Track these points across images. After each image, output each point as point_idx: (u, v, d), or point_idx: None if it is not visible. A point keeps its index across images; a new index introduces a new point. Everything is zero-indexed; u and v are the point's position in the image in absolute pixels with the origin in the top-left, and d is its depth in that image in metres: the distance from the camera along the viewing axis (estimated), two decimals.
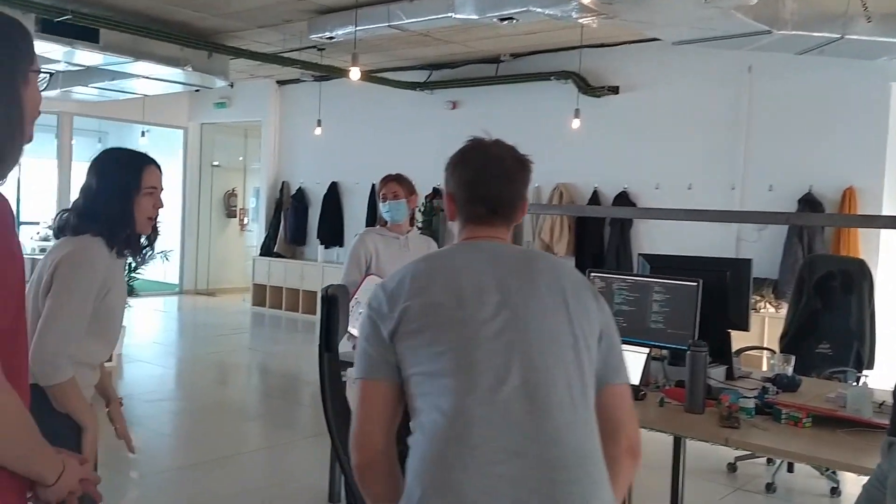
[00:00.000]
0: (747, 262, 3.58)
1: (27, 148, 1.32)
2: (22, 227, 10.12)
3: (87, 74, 8.62)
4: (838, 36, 5.51)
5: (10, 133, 1.27)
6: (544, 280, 1.54)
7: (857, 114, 6.63)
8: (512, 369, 1.43)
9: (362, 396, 1.50)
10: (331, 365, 2.19)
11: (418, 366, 1.46)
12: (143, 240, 2.22)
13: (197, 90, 10.44)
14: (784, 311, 6.36)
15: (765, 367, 5.35)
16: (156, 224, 2.25)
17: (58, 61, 7.71)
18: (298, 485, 4.30)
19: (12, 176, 1.32)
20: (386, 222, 3.64)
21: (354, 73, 6.36)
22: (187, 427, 5.54)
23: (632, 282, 3.45)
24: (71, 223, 2.08)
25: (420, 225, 3.69)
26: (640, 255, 3.71)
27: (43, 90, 1.36)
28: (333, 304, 2.22)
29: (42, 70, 1.34)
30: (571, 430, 1.43)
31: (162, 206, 2.23)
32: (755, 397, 2.95)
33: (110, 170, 2.14)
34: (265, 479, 4.42)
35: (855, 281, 4.44)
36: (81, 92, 9.42)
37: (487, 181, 1.61)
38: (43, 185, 10.86)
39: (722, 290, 3.43)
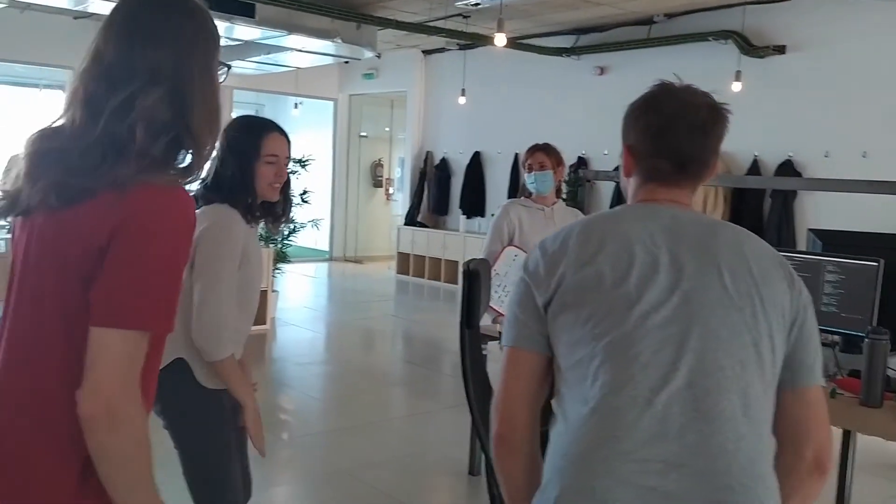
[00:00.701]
0: None
1: None
2: None
3: (245, 49, 9.00)
4: None
5: (209, 123, 1.25)
6: (727, 260, 1.31)
7: None
8: (679, 367, 1.23)
9: (509, 365, 1.37)
10: (472, 341, 2.10)
11: (572, 345, 1.29)
12: (277, 208, 2.21)
13: (346, 62, 10.67)
14: None
15: None
16: (288, 192, 2.22)
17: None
18: (439, 455, 4.32)
19: None
20: (530, 193, 3.52)
21: (500, 40, 6.23)
22: (335, 391, 5.72)
23: (801, 260, 3.14)
24: (199, 193, 2.08)
25: (565, 196, 3.55)
26: (810, 230, 3.38)
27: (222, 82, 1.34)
28: (476, 279, 2.14)
29: (223, 63, 1.32)
30: (741, 446, 1.22)
31: (285, 175, 2.16)
32: None
33: (233, 137, 2.11)
34: (407, 447, 4.48)
35: None
36: (239, 66, 9.86)
37: (677, 132, 1.37)
38: None
39: None
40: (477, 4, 6.93)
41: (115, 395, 1.11)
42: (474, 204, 10.46)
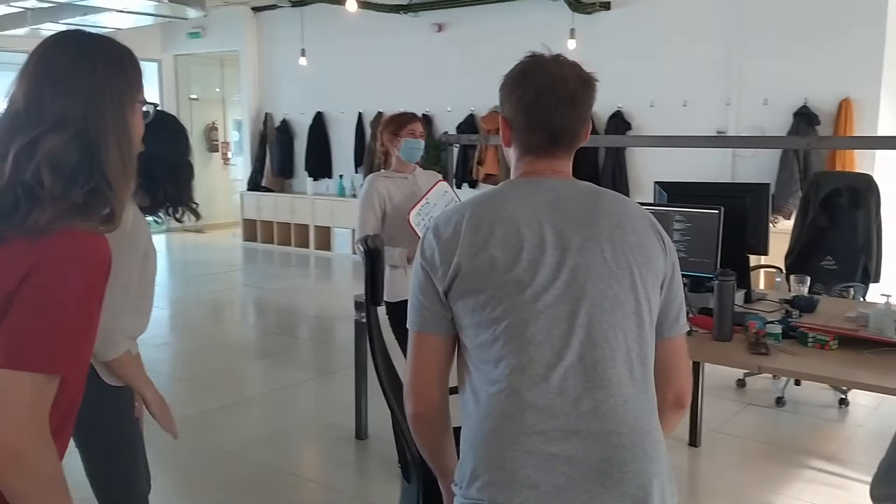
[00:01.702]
0: (765, 186, 3.59)
1: None
2: None
3: (58, 11, 8.26)
4: None
5: (124, 170, 1.22)
6: (606, 231, 1.41)
7: (852, 22, 6.53)
8: (570, 344, 1.35)
9: (417, 348, 1.46)
10: (378, 318, 2.17)
11: (473, 328, 1.40)
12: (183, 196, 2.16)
13: (169, 21, 10.06)
14: (781, 224, 6.45)
15: (763, 286, 5.43)
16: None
17: None
18: (323, 423, 4.37)
19: None
20: (387, 162, 3.53)
21: (351, 5, 6.09)
22: (200, 370, 5.56)
23: (652, 212, 3.43)
24: None
25: (428, 160, 3.62)
26: (656, 183, 3.70)
27: (15, 31, 1.29)
28: (377, 257, 2.19)
29: (147, 102, 1.29)
30: (629, 407, 1.37)
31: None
32: (780, 321, 3.00)
33: None
34: (289, 419, 4.49)
35: (862, 196, 4.48)
36: (52, 29, 9.02)
37: (547, 105, 1.43)
38: None
39: (741, 216, 3.44)
40: None
41: (19, 439, 1.11)
42: (320, 165, 10.33)
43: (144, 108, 1.30)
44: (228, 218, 12.07)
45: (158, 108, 1.41)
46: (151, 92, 11.68)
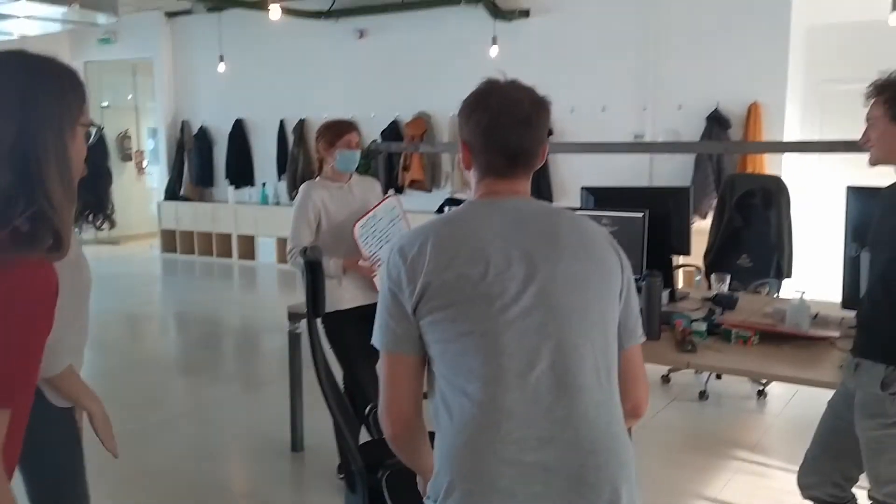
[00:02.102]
0: (686, 190, 3.74)
1: None
2: None
3: None
4: None
5: (66, 193, 1.19)
6: (569, 248, 1.47)
7: (760, 30, 6.87)
8: (541, 353, 1.40)
9: (388, 368, 1.48)
10: (319, 331, 2.16)
11: (443, 343, 1.42)
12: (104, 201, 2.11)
13: (79, 27, 9.69)
14: (697, 224, 6.70)
15: (682, 284, 5.63)
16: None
17: None
18: (257, 437, 4.28)
19: None
20: (321, 169, 3.51)
21: (274, 13, 5.99)
22: (125, 388, 5.36)
23: (580, 215, 3.53)
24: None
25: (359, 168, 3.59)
26: (583, 188, 3.80)
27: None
28: (318, 268, 2.18)
29: (91, 124, 1.26)
30: (600, 412, 1.42)
31: None
32: (704, 319, 3.13)
33: None
34: (222, 434, 4.38)
35: (773, 197, 4.71)
36: None
37: (504, 128, 1.49)
38: None
39: (665, 218, 3.58)
40: None
41: None
42: (242, 173, 10.14)
43: (87, 130, 1.27)
44: (145, 229, 11.71)
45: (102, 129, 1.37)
46: None
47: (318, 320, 2.25)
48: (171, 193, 10.69)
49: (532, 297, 1.41)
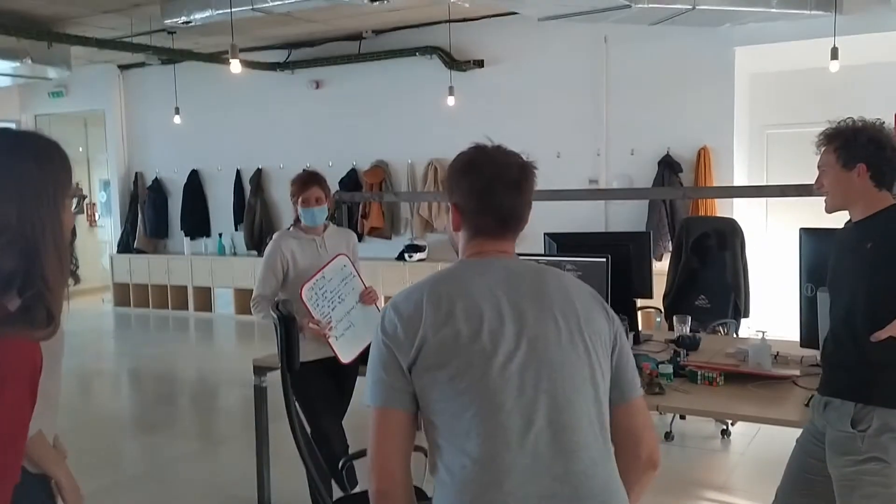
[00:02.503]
0: (646, 234, 3.84)
1: None
2: None
3: None
4: (689, 7, 5.88)
5: (61, 269, 1.19)
6: (558, 304, 1.50)
7: (706, 78, 7.13)
8: (538, 410, 1.42)
9: (379, 425, 1.47)
10: (293, 384, 2.13)
11: (441, 402, 1.43)
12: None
13: (30, 80, 9.57)
14: (654, 267, 6.83)
15: (642, 326, 5.70)
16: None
17: None
18: (221, 495, 4.17)
19: None
20: (296, 221, 3.50)
21: (235, 67, 6.02)
22: (84, 447, 5.17)
23: (544, 262, 3.57)
24: None
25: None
26: (546, 234, 3.85)
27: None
28: (291, 322, 2.16)
29: (76, 194, 1.27)
30: (597, 468, 1.44)
31: None
32: (670, 361, 3.17)
33: None
34: (181, 494, 4.25)
35: (728, 238, 4.83)
36: None
37: (497, 192, 1.54)
38: None
39: (626, 262, 3.64)
40: (188, 23, 6.67)
41: None
42: (197, 224, 10.03)
43: (75, 198, 1.27)
44: (96, 282, 11.42)
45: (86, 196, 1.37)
46: None
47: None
48: (125, 246, 10.51)
49: (525, 355, 1.44)
